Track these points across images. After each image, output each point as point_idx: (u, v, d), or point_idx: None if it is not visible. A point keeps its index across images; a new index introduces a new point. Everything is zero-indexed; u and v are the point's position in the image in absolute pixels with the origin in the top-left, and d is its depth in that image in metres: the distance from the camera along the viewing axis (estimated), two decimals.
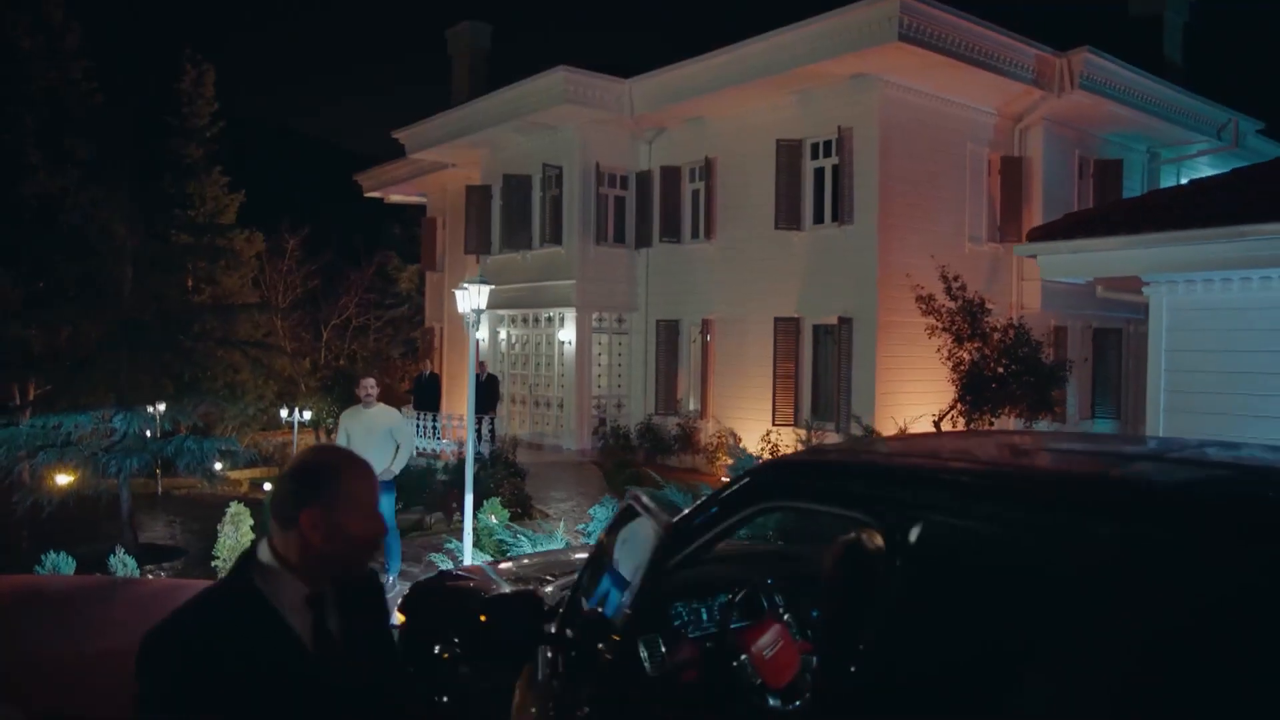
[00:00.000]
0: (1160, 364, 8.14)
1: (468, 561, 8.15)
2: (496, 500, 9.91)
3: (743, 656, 2.64)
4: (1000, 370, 11.83)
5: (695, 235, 16.63)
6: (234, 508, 9.50)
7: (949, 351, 12.02)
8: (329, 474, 1.83)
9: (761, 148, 14.86)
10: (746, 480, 2.32)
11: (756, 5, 14.41)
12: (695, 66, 15.04)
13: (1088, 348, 16.13)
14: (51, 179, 24.64)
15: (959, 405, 11.84)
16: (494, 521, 9.20)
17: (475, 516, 8.51)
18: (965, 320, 11.99)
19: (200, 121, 28.32)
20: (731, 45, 14.35)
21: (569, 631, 2.70)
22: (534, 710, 2.67)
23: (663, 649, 2.64)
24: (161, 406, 25.20)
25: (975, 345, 11.94)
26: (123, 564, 8.83)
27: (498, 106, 17.56)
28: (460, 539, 8.55)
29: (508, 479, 13.06)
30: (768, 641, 2.72)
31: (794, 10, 13.27)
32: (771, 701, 2.63)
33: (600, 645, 2.45)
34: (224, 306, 27.92)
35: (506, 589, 3.29)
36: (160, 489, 26.96)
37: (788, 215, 14.58)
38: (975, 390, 11.73)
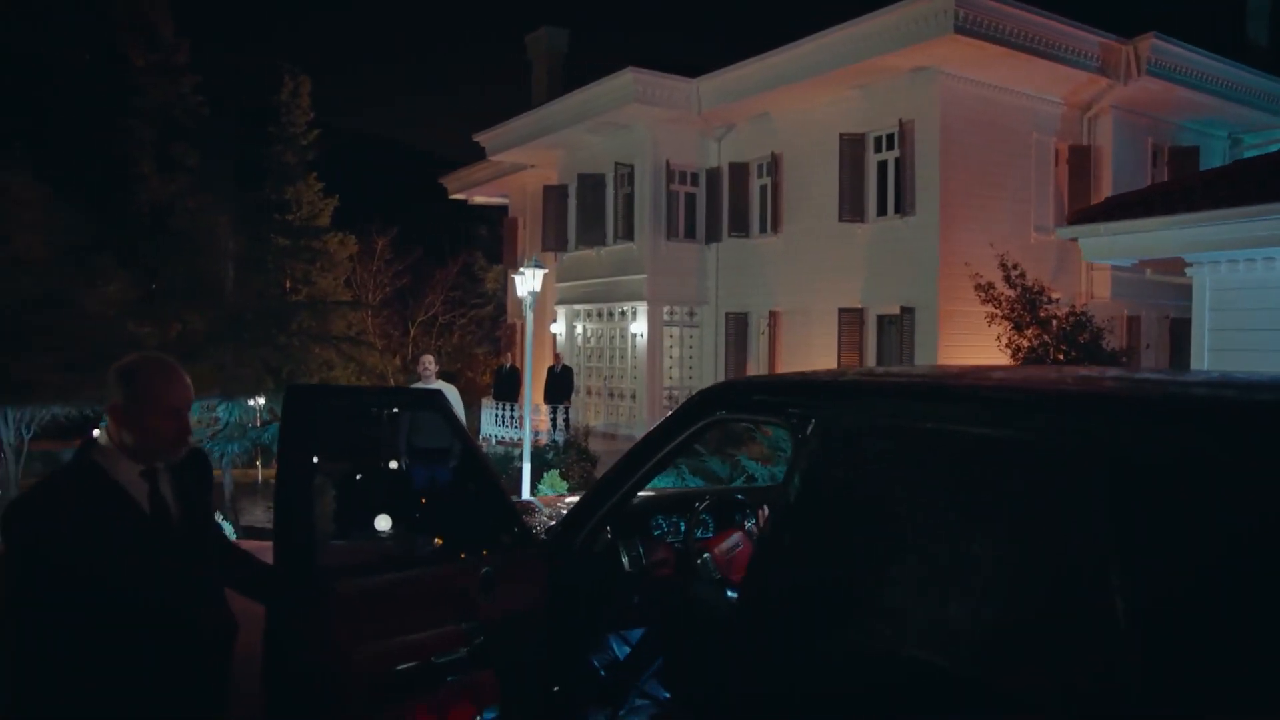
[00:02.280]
0: (1204, 344, 8.22)
1: None
2: (555, 472, 10.52)
3: (706, 555, 3.12)
4: (1060, 357, 11.90)
5: (763, 229, 16.98)
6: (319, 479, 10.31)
7: (1008, 339, 12.14)
8: (131, 374, 2.17)
9: (825, 142, 15.15)
10: (698, 396, 2.80)
11: (819, 2, 14.71)
12: (759, 64, 15.41)
13: (1164, 337, 15.92)
14: (162, 186, 26.37)
15: None
16: (553, 492, 9.84)
17: (535, 487, 9.13)
18: (1024, 308, 12.10)
19: (296, 130, 29.83)
20: (793, 43, 14.67)
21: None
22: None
23: (640, 550, 3.13)
24: (261, 400, 26.79)
25: (1035, 332, 12.04)
26: (221, 529, 9.71)
27: (571, 108, 18.22)
28: None
29: (578, 463, 13.71)
30: (729, 545, 3.21)
31: (854, 5, 13.56)
32: (730, 594, 3.10)
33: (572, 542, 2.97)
34: (319, 303, 29.46)
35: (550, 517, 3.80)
36: (260, 477, 28.60)
37: (851, 208, 14.83)
38: None
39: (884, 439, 2.20)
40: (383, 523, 3.43)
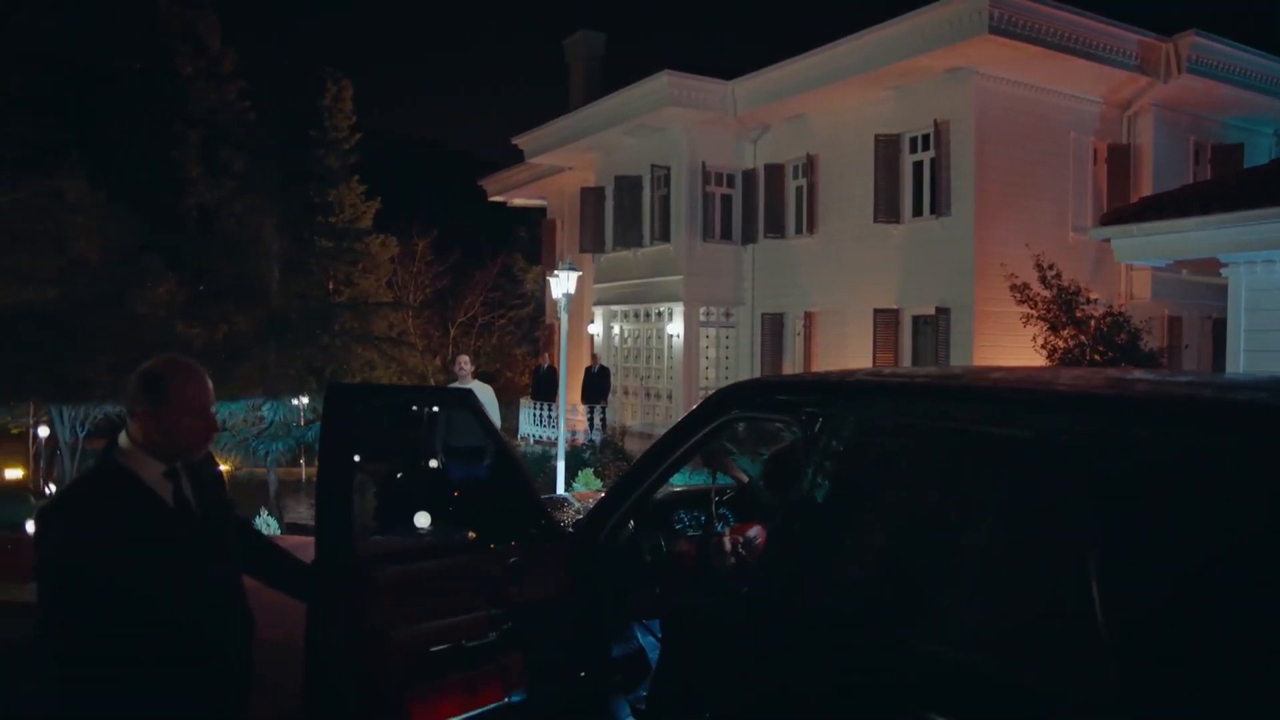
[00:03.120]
0: (1239, 345, 8.14)
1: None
2: (590, 470, 10.70)
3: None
4: (1097, 358, 11.82)
5: (798, 230, 17.03)
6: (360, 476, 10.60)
7: (1044, 340, 12.10)
8: (161, 379, 2.23)
9: (861, 143, 15.18)
10: (715, 396, 2.94)
11: (853, 3, 14.73)
12: (794, 66, 15.47)
13: (1206, 338, 15.72)
14: (210, 190, 27.02)
15: None
16: (586, 489, 10.03)
17: (570, 484, 9.30)
18: (1060, 308, 12.05)
19: (339, 134, 30.32)
20: (828, 44, 14.72)
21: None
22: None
23: (662, 543, 3.27)
24: (305, 399, 27.33)
25: (1071, 333, 11.98)
26: (266, 524, 10.02)
27: (607, 111, 18.39)
28: None
29: (614, 462, 13.89)
30: (750, 536, 3.33)
31: (888, 7, 13.59)
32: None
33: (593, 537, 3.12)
34: (361, 304, 29.98)
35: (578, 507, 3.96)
36: (304, 475, 29.16)
37: (886, 208, 14.85)
38: None
39: (886, 436, 2.32)
40: (422, 519, 3.59)
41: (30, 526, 17.98)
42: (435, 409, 3.82)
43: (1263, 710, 1.56)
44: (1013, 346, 13.07)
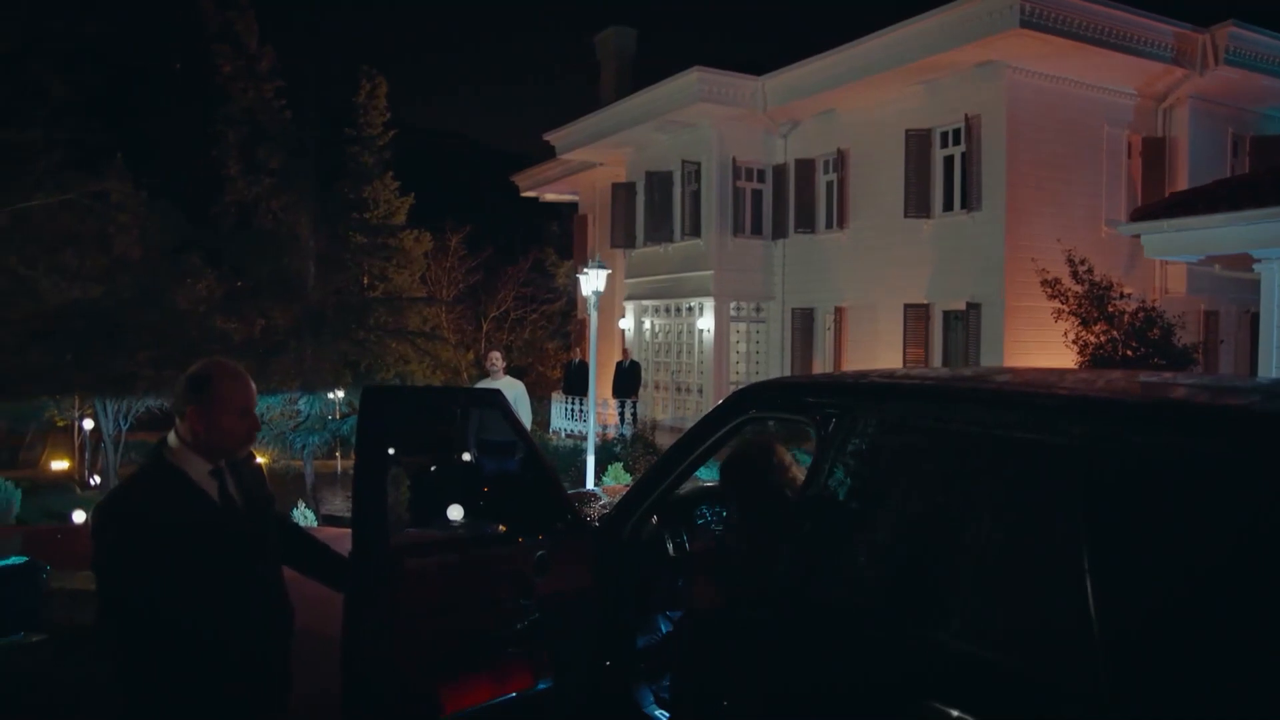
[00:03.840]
0: (1273, 341, 8.11)
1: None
2: (620, 465, 10.84)
3: None
4: (1129, 353, 11.75)
5: (829, 225, 17.02)
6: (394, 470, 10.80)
7: (1075, 335, 12.04)
8: (207, 380, 2.36)
9: (891, 138, 15.15)
10: (734, 396, 3.04)
11: None
12: (824, 61, 15.47)
13: (1243, 333, 15.51)
14: (248, 188, 27.46)
15: None
16: (616, 484, 10.16)
17: (599, 479, 9.44)
18: (1091, 303, 11.98)
19: (374, 131, 30.58)
20: (858, 40, 14.71)
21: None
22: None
23: (684, 537, 3.38)
24: (340, 393, 27.74)
25: (1102, 328, 11.92)
26: (303, 516, 10.26)
27: (638, 107, 18.48)
28: None
29: (644, 456, 14.02)
30: None
31: (919, 1, 13.53)
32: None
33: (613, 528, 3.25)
34: (395, 299, 30.31)
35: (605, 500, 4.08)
36: (340, 468, 29.58)
37: (917, 203, 14.82)
38: None
39: (898, 436, 2.41)
40: (455, 512, 3.73)
41: (77, 517, 18.49)
42: (465, 408, 3.98)
43: (1262, 711, 1.62)
44: (1044, 342, 13.02)
